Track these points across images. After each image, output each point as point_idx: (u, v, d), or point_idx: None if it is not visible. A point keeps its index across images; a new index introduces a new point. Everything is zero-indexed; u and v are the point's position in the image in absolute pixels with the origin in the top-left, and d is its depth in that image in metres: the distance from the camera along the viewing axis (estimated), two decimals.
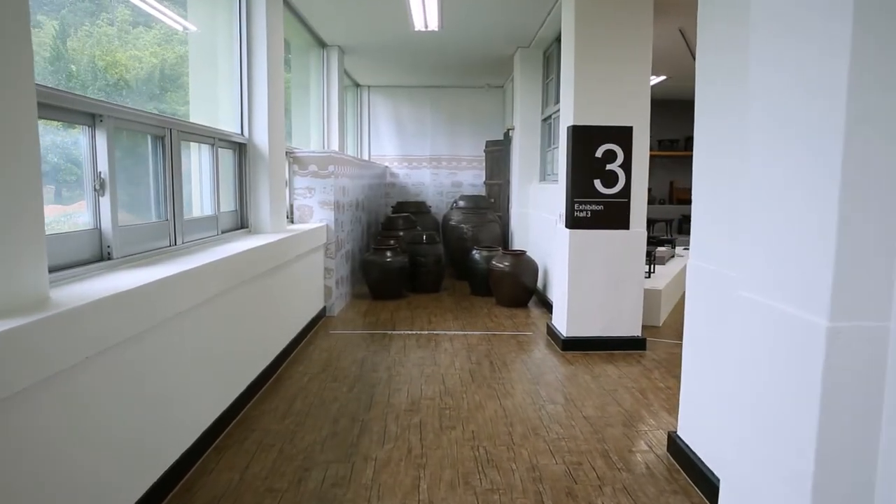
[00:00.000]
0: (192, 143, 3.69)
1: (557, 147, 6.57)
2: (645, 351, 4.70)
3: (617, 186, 4.57)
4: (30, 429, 1.70)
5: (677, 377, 4.08)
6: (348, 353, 4.54)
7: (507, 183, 8.49)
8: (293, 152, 5.60)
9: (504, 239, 8.25)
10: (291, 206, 5.64)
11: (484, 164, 9.96)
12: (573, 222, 4.59)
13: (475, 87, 10.47)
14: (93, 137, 2.53)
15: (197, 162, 3.82)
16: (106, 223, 2.59)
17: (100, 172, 2.55)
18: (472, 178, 10.71)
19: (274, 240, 4.04)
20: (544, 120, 7.47)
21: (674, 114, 10.53)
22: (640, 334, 4.73)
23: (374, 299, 6.56)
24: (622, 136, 4.54)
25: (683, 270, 7.38)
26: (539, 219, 6.90)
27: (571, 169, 4.55)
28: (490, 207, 8.32)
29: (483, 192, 10.16)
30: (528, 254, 6.38)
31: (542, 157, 7.61)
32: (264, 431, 3.13)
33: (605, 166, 4.56)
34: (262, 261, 3.76)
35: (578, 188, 4.56)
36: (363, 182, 7.66)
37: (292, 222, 5.62)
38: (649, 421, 3.36)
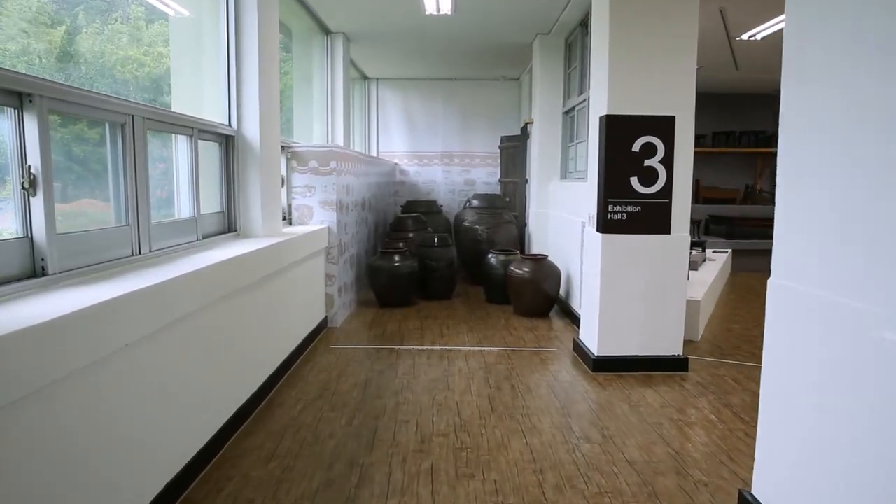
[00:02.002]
0: (166, 134, 3.17)
1: (582, 141, 6.00)
2: (687, 372, 4.12)
3: (657, 185, 4.00)
4: None
5: (730, 407, 3.52)
6: (350, 374, 4.01)
7: (525, 181, 7.93)
8: (291, 147, 5.07)
9: (521, 241, 7.68)
10: (289, 206, 5.11)
11: (499, 160, 9.39)
12: (606, 225, 4.02)
13: (490, 80, 9.91)
14: (20, 122, 2.00)
15: (173, 156, 3.30)
16: (39, 230, 2.06)
17: (29, 166, 2.02)
18: (486, 176, 10.15)
19: (265, 245, 3.52)
20: (566, 112, 6.90)
21: (700, 108, 9.87)
22: (681, 353, 4.16)
23: (382, 307, 6.03)
24: (663, 127, 3.96)
25: (720, 277, 6.79)
26: (560, 220, 6.34)
27: (605, 165, 3.98)
28: (506, 207, 7.76)
29: (497, 190, 9.61)
30: (549, 258, 5.81)
31: (563, 153, 7.04)
32: (244, 479, 2.60)
33: (643, 162, 3.98)
34: (251, 270, 3.23)
35: (612, 187, 3.99)
36: (370, 180, 7.12)
37: (290, 224, 5.09)
38: (705, 467, 2.79)
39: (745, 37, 6.28)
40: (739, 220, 9.44)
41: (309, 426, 3.15)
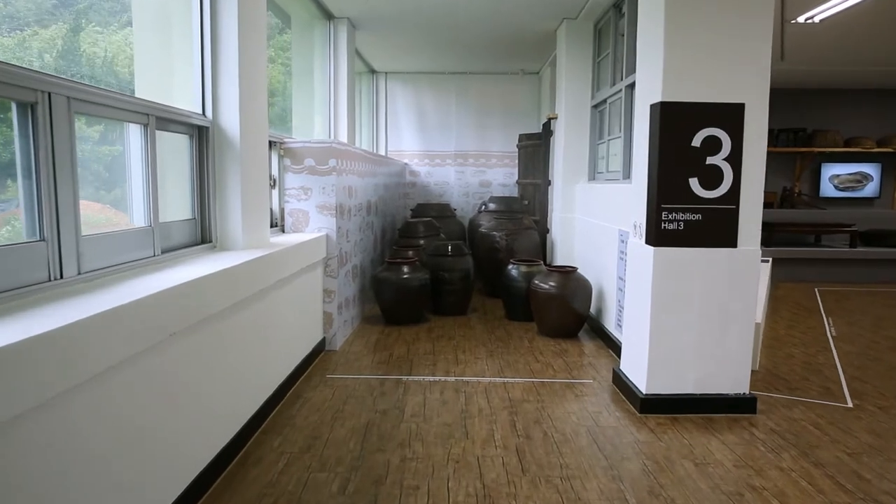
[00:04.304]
0: (110, 123, 2.51)
1: (615, 138, 5.29)
2: (755, 415, 3.40)
3: (721, 188, 3.29)
4: None
5: (822, 467, 2.78)
6: (347, 415, 3.32)
7: (547, 182, 7.21)
8: (284, 142, 4.40)
9: (543, 249, 6.97)
10: (282, 210, 4.45)
11: (517, 160, 8.69)
12: (659, 237, 3.31)
13: (507, 74, 9.22)
14: None
15: (125, 150, 2.64)
16: None
17: None
18: (503, 178, 9.46)
19: (244, 260, 2.85)
20: (595, 107, 6.18)
21: None
22: (748, 391, 3.44)
23: (388, 324, 5.35)
24: (730, 116, 3.25)
25: (771, 292, 6.05)
26: (590, 226, 5.63)
27: (658, 163, 3.28)
28: (525, 211, 7.06)
29: (515, 192, 8.90)
30: (578, 271, 5.10)
31: (591, 151, 6.32)
32: None
33: (704, 159, 3.27)
34: (221, 293, 2.56)
35: (667, 190, 3.29)
36: (376, 181, 6.45)
37: (282, 232, 4.43)
38: None
39: (801, 19, 5.53)
40: (778, 225, 8.66)
41: (290, 495, 2.47)
